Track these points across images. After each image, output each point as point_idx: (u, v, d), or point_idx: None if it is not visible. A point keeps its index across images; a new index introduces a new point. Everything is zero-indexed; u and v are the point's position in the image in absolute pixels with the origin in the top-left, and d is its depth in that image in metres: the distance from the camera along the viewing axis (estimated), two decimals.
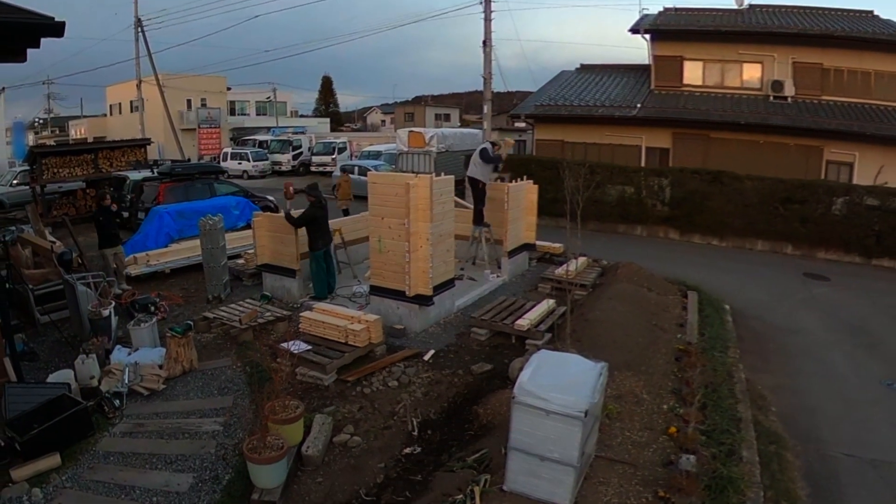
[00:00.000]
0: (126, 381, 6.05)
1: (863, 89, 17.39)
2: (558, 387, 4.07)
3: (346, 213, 15.30)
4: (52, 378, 5.91)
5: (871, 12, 19.16)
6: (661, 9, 21.33)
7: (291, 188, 9.43)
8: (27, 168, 18.96)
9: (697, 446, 4.85)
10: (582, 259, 10.29)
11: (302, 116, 59.89)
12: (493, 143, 10.64)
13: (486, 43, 19.63)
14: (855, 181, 15.62)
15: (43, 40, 5.26)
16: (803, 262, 13.77)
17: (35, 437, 4.79)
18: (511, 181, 10.95)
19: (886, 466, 5.43)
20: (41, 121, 53.23)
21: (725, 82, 19.01)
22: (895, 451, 5.68)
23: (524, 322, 7.34)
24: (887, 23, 18.31)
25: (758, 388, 6.78)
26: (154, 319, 7.38)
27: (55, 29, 5.03)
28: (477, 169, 10.24)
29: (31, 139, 44.88)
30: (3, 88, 32.75)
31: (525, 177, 11.22)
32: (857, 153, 16.15)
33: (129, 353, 6.64)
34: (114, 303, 7.60)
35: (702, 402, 5.67)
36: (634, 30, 19.96)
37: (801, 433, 5.91)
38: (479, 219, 10.39)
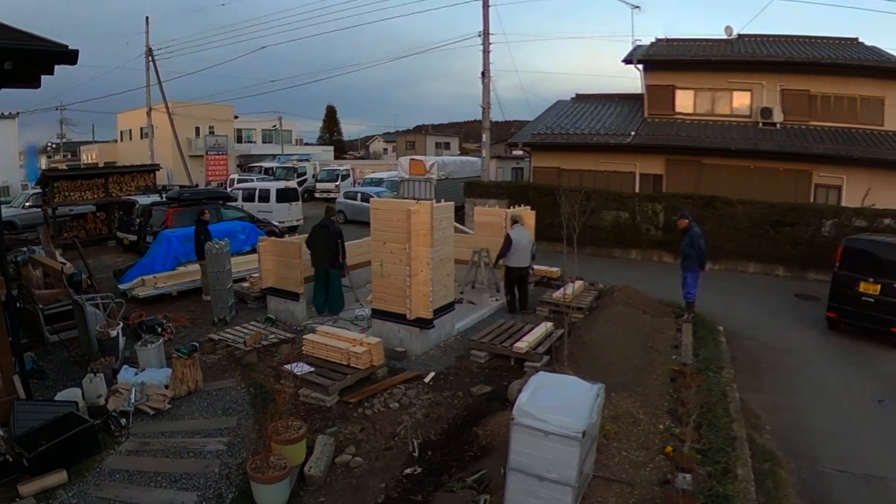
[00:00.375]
0: (132, 401, 6.03)
1: (849, 114, 17.60)
2: (556, 408, 4.06)
3: None
4: (60, 396, 5.88)
5: (856, 39, 19.50)
6: (654, 40, 21.67)
7: None
8: (39, 191, 19.05)
9: (693, 465, 4.82)
10: (579, 283, 10.31)
11: (307, 144, 60.42)
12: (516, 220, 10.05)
13: (485, 74, 19.96)
14: (843, 203, 15.70)
15: (57, 67, 5.30)
16: (794, 283, 13.78)
17: (42, 453, 4.77)
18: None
19: (879, 481, 5.40)
20: (54, 145, 53.63)
21: (716, 110, 19.20)
22: (887, 466, 5.66)
23: (522, 345, 7.33)
24: (871, 49, 18.63)
25: (752, 406, 6.76)
26: (161, 340, 7.37)
27: (69, 57, 5.08)
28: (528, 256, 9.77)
29: (43, 163, 45.14)
30: (18, 113, 33.12)
31: (523, 203, 11.31)
32: (845, 176, 16.27)
33: (136, 373, 6.63)
34: (122, 323, 7.59)
35: (697, 422, 5.64)
36: (628, 60, 20.24)
37: (794, 450, 5.88)
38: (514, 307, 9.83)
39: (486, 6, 19.67)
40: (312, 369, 6.68)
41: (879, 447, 6.05)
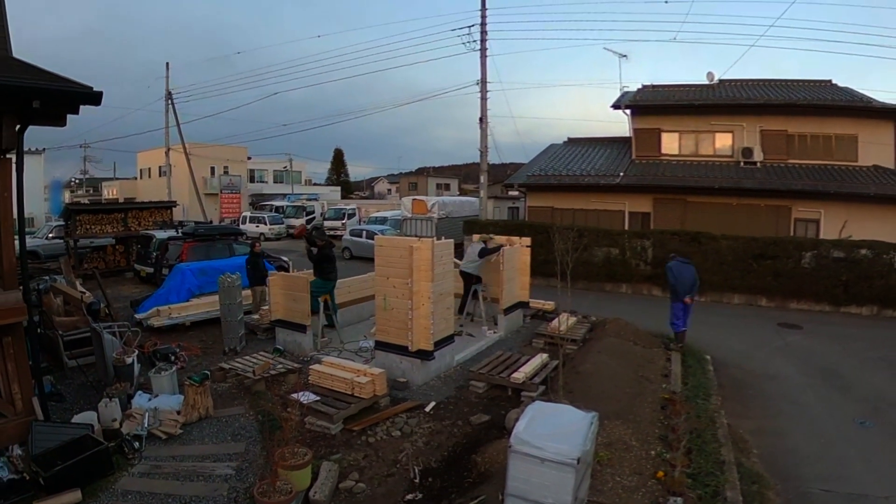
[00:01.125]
0: (146, 425, 6.00)
1: (825, 152, 17.97)
2: (552, 436, 4.06)
3: None
4: (76, 419, 5.86)
5: (830, 81, 19.97)
6: (640, 86, 22.24)
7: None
8: (62, 223, 19.22)
9: (684, 489, 4.80)
10: (572, 316, 10.34)
11: (315, 185, 61.04)
12: (485, 242, 10.56)
13: (483, 119, 20.43)
14: (821, 236, 15.92)
15: (81, 107, 5.39)
16: (777, 312, 13.82)
17: (58, 473, 4.74)
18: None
19: (862, 499, 5.37)
20: (77, 181, 54.19)
21: (700, 151, 19.55)
22: (869, 484, 5.65)
23: (519, 375, 7.32)
24: (844, 90, 19.10)
25: (739, 431, 6.73)
26: (174, 368, 7.36)
27: (93, 98, 5.18)
28: (472, 266, 10.33)
29: (66, 197, 45.55)
30: (44, 149, 33.73)
31: (520, 237, 11.42)
32: (823, 210, 16.52)
33: (150, 399, 6.60)
34: (137, 351, 7.59)
35: (687, 447, 5.62)
36: (616, 106, 20.70)
37: (781, 472, 5.84)
38: (461, 310, 10.42)
39: (483, 57, 20.31)
40: (318, 398, 6.66)
41: (862, 467, 6.04)
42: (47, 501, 4.61)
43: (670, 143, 19.89)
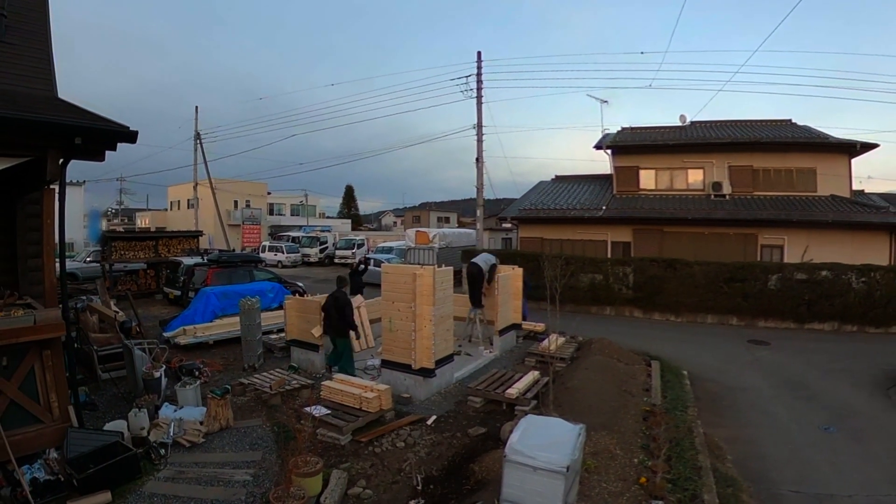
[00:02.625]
0: (171, 434, 5.95)
1: (787, 184, 18.16)
2: (543, 446, 4.06)
3: None
4: (108, 426, 5.80)
5: (790, 120, 20.36)
6: (620, 128, 22.61)
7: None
8: (99, 249, 19.30)
9: (665, 493, 4.76)
10: (561, 337, 10.32)
11: (328, 217, 61.38)
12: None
13: (479, 159, 20.66)
14: (786, 260, 16.01)
15: (119, 144, 5.41)
16: (747, 330, 13.81)
17: (90, 475, 4.70)
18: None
19: (828, 499, 5.34)
20: (113, 210, 54.45)
21: (674, 185, 19.74)
22: (834, 485, 5.62)
23: (513, 391, 7.29)
24: (803, 128, 19.44)
25: (714, 440, 6.68)
26: (198, 383, 7.31)
27: (130, 136, 5.22)
28: (484, 265, 10.47)
29: (103, 225, 45.65)
30: (84, 182, 34.06)
31: (513, 266, 11.51)
32: (786, 237, 16.60)
33: (175, 410, 6.55)
34: (164, 366, 7.57)
35: (667, 455, 5.59)
36: (598, 146, 20.95)
37: (753, 476, 5.79)
38: (477, 302, 10.53)
39: (479, 104, 20.67)
40: (329, 412, 6.62)
41: (827, 469, 6.01)
42: (80, 501, 4.57)
43: (648, 180, 20.10)
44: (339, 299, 8.53)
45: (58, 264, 5.87)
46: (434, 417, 7.00)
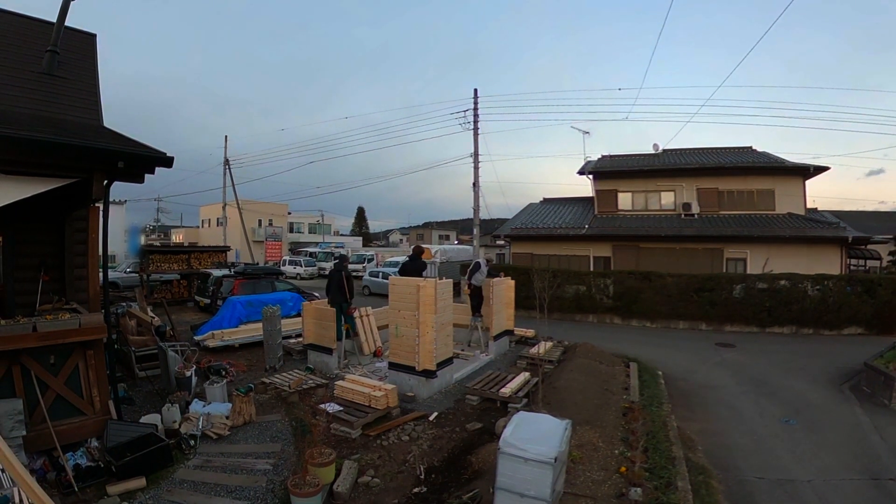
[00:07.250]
0: (200, 427, 5.94)
1: (749, 203, 18.30)
2: (534, 440, 4.04)
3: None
4: (144, 419, 5.80)
5: (751, 147, 20.64)
6: (600, 156, 22.88)
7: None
8: (138, 261, 19.35)
9: (643, 481, 4.73)
10: (549, 342, 10.30)
11: (342, 235, 61.59)
12: (488, 260, 10.94)
13: (475, 184, 20.79)
14: (749, 271, 16.02)
15: (157, 169, 5.46)
16: (715, 334, 13.74)
17: (127, 463, 4.71)
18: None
19: (789, 484, 5.31)
20: (151, 227, 54.55)
21: (649, 206, 19.85)
22: (795, 471, 5.60)
23: (506, 390, 7.26)
24: (762, 154, 19.69)
25: (687, 432, 6.62)
26: (224, 381, 7.31)
27: (166, 161, 5.27)
28: (481, 277, 10.47)
29: (142, 240, 45.71)
30: (126, 201, 34.27)
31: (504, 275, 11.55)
32: (749, 251, 16.66)
33: (204, 406, 6.53)
34: (195, 366, 7.56)
35: (644, 447, 5.56)
36: (581, 172, 21.15)
37: (721, 464, 5.75)
38: (477, 311, 10.53)
39: (475, 135, 20.87)
40: (341, 408, 6.59)
41: (788, 457, 5.98)
42: (118, 486, 4.56)
43: (625, 201, 20.26)
44: (333, 277, 9.13)
45: (101, 274, 5.90)
46: (435, 414, 6.97)
